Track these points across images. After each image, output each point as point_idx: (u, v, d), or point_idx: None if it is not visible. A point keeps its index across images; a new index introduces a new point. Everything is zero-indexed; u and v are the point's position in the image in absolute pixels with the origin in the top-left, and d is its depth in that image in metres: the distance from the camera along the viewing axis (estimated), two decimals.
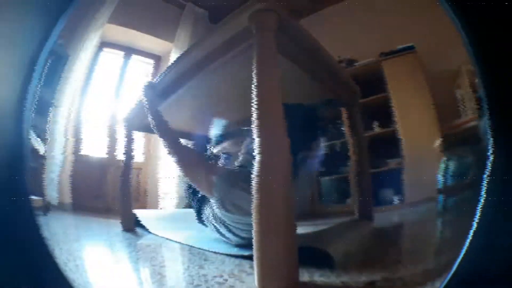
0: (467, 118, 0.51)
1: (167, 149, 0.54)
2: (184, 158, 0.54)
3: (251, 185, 0.39)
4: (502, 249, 0.45)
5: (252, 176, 0.38)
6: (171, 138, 0.55)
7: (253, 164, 0.39)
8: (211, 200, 0.54)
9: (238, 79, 0.49)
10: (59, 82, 0.54)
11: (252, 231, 0.38)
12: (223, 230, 0.54)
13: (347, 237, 0.52)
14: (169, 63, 0.53)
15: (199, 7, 0.51)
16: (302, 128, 0.49)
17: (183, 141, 0.56)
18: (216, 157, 0.60)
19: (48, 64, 0.51)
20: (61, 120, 0.54)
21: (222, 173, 0.53)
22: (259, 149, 0.39)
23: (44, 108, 0.53)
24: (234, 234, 0.53)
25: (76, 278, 0.45)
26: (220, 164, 0.58)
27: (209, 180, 0.53)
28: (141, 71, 0.59)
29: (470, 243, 0.46)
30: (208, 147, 0.60)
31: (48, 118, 0.54)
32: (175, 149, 0.54)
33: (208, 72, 0.52)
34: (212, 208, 0.54)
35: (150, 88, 0.56)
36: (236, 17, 0.44)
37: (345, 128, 0.56)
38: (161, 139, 0.55)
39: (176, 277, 0.46)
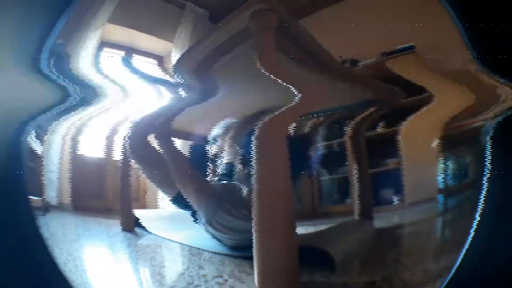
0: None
1: (163, 153, 0.54)
2: (177, 166, 0.54)
3: (239, 209, 0.39)
4: (503, 249, 0.45)
5: (243, 195, 0.38)
6: (168, 143, 0.55)
7: (245, 165, 0.39)
8: (198, 213, 0.54)
9: (239, 79, 0.49)
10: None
11: (251, 232, 0.38)
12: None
13: (348, 237, 0.52)
14: (170, 63, 0.53)
15: (199, 7, 0.51)
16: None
17: (180, 142, 0.56)
18: (214, 158, 0.60)
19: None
20: (60, 120, 0.54)
21: (210, 192, 0.53)
22: (257, 149, 0.39)
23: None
24: (224, 243, 0.53)
25: (76, 278, 0.46)
26: (212, 178, 0.57)
27: (197, 196, 0.54)
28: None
29: (470, 243, 0.46)
30: (207, 148, 0.60)
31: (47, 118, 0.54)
32: (170, 155, 0.54)
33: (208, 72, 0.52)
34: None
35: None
36: (236, 17, 0.44)
37: (346, 128, 0.56)
38: (158, 141, 0.54)
39: (175, 277, 0.46)
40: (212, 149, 0.61)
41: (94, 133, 0.57)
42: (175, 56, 0.52)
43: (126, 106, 0.55)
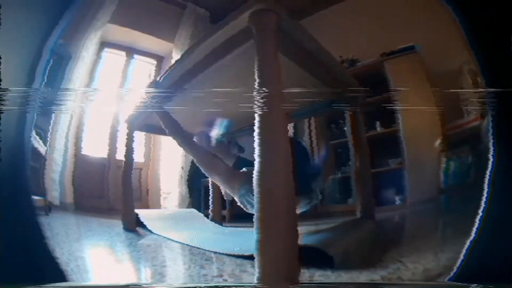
0: (469, 118, 0.51)
1: (185, 149, 0.55)
2: (203, 159, 0.55)
3: None
4: (504, 249, 0.44)
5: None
6: (187, 138, 0.55)
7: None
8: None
9: (239, 79, 0.49)
10: (61, 82, 0.54)
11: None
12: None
13: (349, 237, 0.52)
14: (170, 64, 0.53)
15: (200, 8, 0.51)
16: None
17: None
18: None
19: (50, 64, 0.52)
20: (63, 120, 0.55)
21: (239, 178, 0.53)
22: (260, 149, 0.39)
23: (46, 108, 0.53)
24: None
25: (77, 278, 0.46)
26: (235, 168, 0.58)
27: (226, 182, 0.55)
28: (143, 71, 0.59)
29: (472, 243, 0.45)
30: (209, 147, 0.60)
31: (50, 118, 0.54)
32: (193, 150, 0.55)
33: (209, 72, 0.52)
34: None
35: (155, 88, 0.56)
36: (236, 17, 0.44)
37: (347, 128, 0.56)
38: (176, 140, 0.55)
39: (176, 277, 0.46)
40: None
41: (96, 133, 0.57)
42: (175, 56, 0.52)
43: (126, 106, 0.55)
